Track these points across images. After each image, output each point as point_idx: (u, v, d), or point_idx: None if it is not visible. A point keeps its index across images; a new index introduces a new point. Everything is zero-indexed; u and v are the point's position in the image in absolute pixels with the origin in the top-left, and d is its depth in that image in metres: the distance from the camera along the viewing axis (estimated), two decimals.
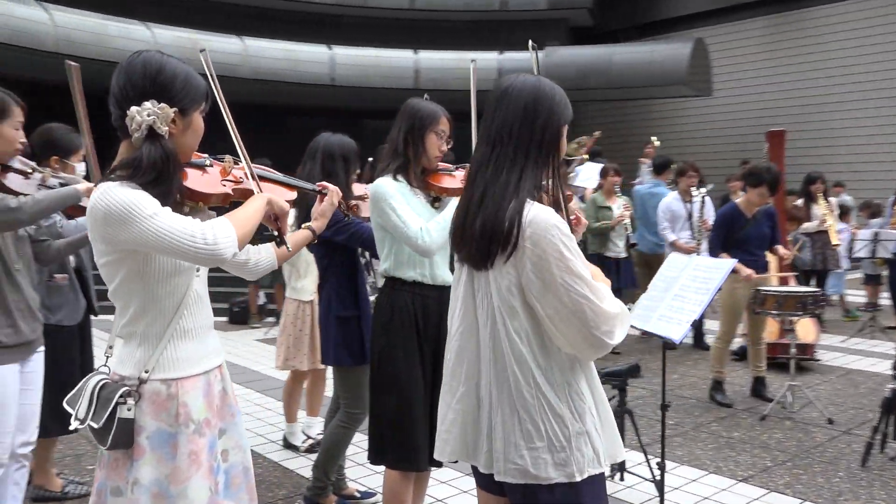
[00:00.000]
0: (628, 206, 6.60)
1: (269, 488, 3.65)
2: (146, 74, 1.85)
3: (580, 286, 1.70)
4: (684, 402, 5.54)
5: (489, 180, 1.79)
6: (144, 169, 1.81)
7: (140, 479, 1.80)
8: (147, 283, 1.84)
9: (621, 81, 18.26)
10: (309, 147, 3.51)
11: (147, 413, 1.82)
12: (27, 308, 2.64)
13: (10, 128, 2.59)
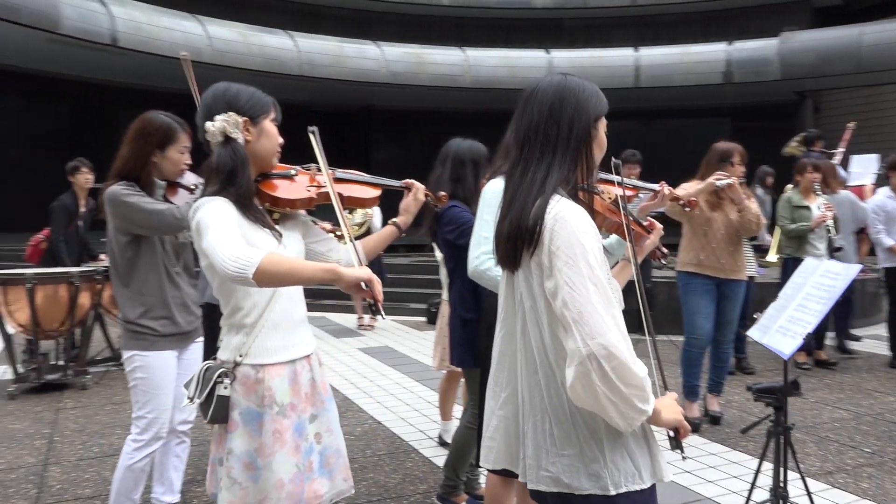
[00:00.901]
0: (830, 206, 5.83)
1: (413, 482, 3.78)
2: (216, 96, 2.09)
3: (584, 288, 1.56)
4: (891, 427, 4.79)
5: (518, 181, 1.76)
6: (217, 169, 2.02)
7: (233, 450, 2.03)
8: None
9: (872, 65, 16.23)
10: (440, 152, 3.56)
11: (239, 393, 2.04)
12: (184, 304, 3.01)
13: (176, 151, 2.92)
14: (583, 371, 1.52)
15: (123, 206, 2.70)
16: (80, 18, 14.20)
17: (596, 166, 1.82)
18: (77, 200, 6.15)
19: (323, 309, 9.68)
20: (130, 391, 2.84)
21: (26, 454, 4.20)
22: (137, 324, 2.80)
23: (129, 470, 2.83)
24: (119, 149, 2.81)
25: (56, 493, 3.64)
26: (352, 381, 5.89)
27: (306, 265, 1.90)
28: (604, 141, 1.82)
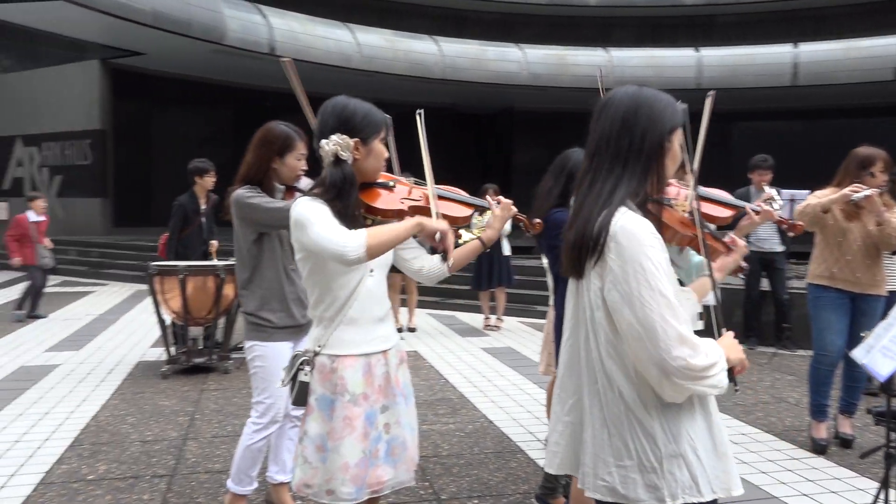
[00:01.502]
0: None
1: (515, 482, 3.84)
2: (333, 113, 2.25)
3: (656, 302, 1.57)
4: None
5: (586, 192, 1.77)
6: (328, 187, 2.21)
7: (308, 432, 2.23)
8: (325, 277, 2.23)
9: None
10: (555, 162, 3.52)
11: (316, 380, 2.23)
12: (298, 298, 3.24)
13: (294, 158, 3.15)
14: (667, 384, 1.59)
15: (247, 208, 2.95)
16: (243, 30, 15.28)
17: (668, 179, 1.80)
18: (197, 201, 6.50)
19: (453, 308, 9.89)
20: (251, 378, 3.10)
21: (170, 429, 4.65)
22: (257, 316, 3.06)
23: (248, 449, 3.09)
24: (244, 155, 3.08)
25: (190, 465, 4.01)
26: (470, 379, 6.02)
27: (399, 225, 2.16)
28: (678, 153, 1.80)
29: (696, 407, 1.72)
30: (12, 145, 17.95)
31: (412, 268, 2.43)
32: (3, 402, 5.21)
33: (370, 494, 2.21)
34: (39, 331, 8.11)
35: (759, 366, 6.49)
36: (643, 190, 1.74)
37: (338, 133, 2.20)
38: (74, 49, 16.71)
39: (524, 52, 18.41)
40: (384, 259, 2.30)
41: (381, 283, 2.33)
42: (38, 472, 3.88)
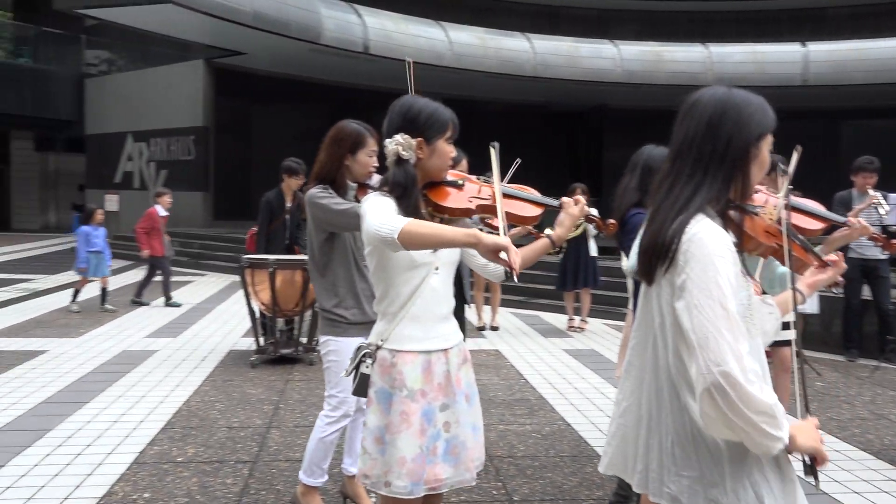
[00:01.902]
0: None
1: (589, 487, 3.77)
2: (399, 113, 2.28)
3: (713, 312, 1.51)
4: None
5: (664, 196, 1.72)
6: (392, 186, 2.24)
7: (368, 423, 2.27)
8: (389, 273, 2.26)
9: None
10: (631, 159, 3.49)
11: (377, 373, 2.23)
12: (371, 294, 3.29)
13: (365, 155, 3.21)
14: (708, 399, 1.50)
15: (317, 208, 3.03)
16: (339, 30, 15.65)
17: (753, 186, 1.72)
18: (283, 198, 6.68)
19: (537, 308, 9.82)
20: (324, 372, 3.18)
21: (255, 416, 4.83)
22: (331, 311, 3.13)
23: (320, 441, 3.17)
24: (317, 154, 3.15)
25: (272, 453, 4.15)
26: (550, 380, 5.97)
27: (450, 229, 2.07)
28: (766, 160, 1.71)
29: None
30: (124, 141, 19.02)
31: (478, 263, 2.42)
32: (106, 383, 5.54)
33: (427, 491, 2.22)
34: (142, 317, 8.58)
35: (860, 379, 6.14)
36: (724, 197, 1.67)
37: (402, 133, 2.22)
38: (181, 49, 17.56)
39: (619, 49, 18.06)
40: (451, 257, 2.30)
41: (447, 281, 2.32)
42: (133, 451, 4.10)
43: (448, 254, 2.28)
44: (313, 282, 3.23)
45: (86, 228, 8.95)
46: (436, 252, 2.24)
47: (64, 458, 3.98)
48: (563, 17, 19.77)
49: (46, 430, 4.42)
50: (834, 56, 17.24)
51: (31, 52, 21.49)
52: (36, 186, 23.20)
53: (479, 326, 8.25)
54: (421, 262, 2.23)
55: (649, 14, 19.80)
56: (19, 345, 6.85)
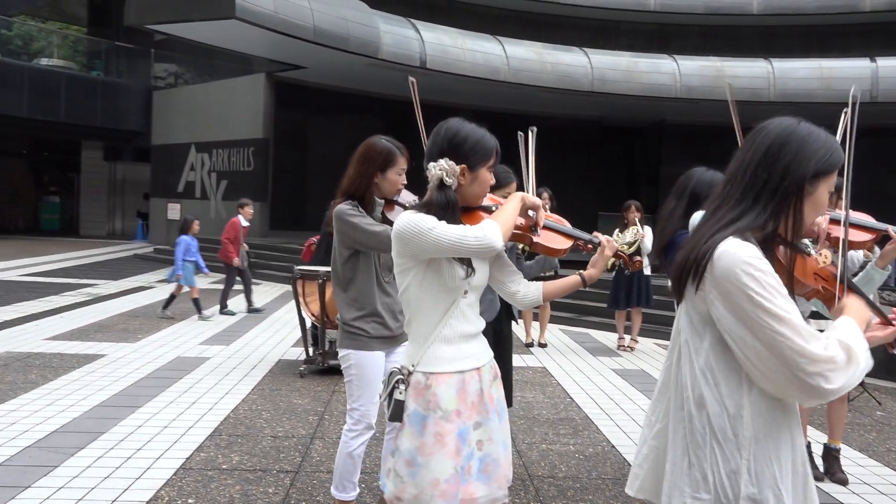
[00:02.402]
0: None
1: None
2: (445, 137, 2.25)
3: (776, 323, 1.50)
4: None
5: (708, 217, 1.68)
6: (434, 210, 2.26)
7: (400, 447, 2.27)
8: (419, 295, 2.24)
9: None
10: (678, 183, 3.40)
11: (410, 396, 2.23)
12: (392, 309, 3.29)
13: (395, 173, 3.19)
14: (816, 399, 1.54)
15: (348, 225, 3.02)
16: (396, 45, 15.84)
17: (806, 227, 1.67)
18: None
19: (587, 325, 9.72)
20: (345, 385, 3.19)
21: (300, 426, 4.89)
22: (353, 325, 3.11)
23: (348, 456, 3.18)
24: (346, 170, 3.17)
25: (314, 463, 4.20)
26: (596, 400, 5.88)
27: (508, 208, 2.31)
28: (823, 202, 1.66)
29: (789, 450, 1.62)
30: (188, 152, 19.60)
31: (508, 290, 2.43)
32: (159, 388, 5.70)
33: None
34: (197, 324, 8.79)
35: None
36: (771, 229, 1.64)
37: (446, 157, 2.23)
38: (244, 63, 18.02)
39: (678, 64, 17.80)
40: (480, 281, 2.31)
41: (474, 304, 2.34)
42: (180, 457, 4.20)
43: (479, 279, 2.30)
44: (336, 295, 3.23)
45: (185, 238, 9.27)
46: (467, 277, 2.24)
47: (115, 461, 4.10)
48: (622, 32, 19.61)
49: (100, 432, 4.56)
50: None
51: (102, 66, 22.39)
52: (104, 194, 24.09)
53: (526, 343, 8.20)
54: (452, 287, 2.24)
55: (710, 28, 19.48)
56: (80, 348, 7.10)
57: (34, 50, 22.28)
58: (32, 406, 5.06)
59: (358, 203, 3.08)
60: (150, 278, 13.41)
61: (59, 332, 7.85)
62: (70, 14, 24.03)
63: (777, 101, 17.19)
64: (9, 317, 8.67)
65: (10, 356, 6.59)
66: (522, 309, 2.64)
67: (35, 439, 4.38)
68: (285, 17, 14.19)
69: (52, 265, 14.77)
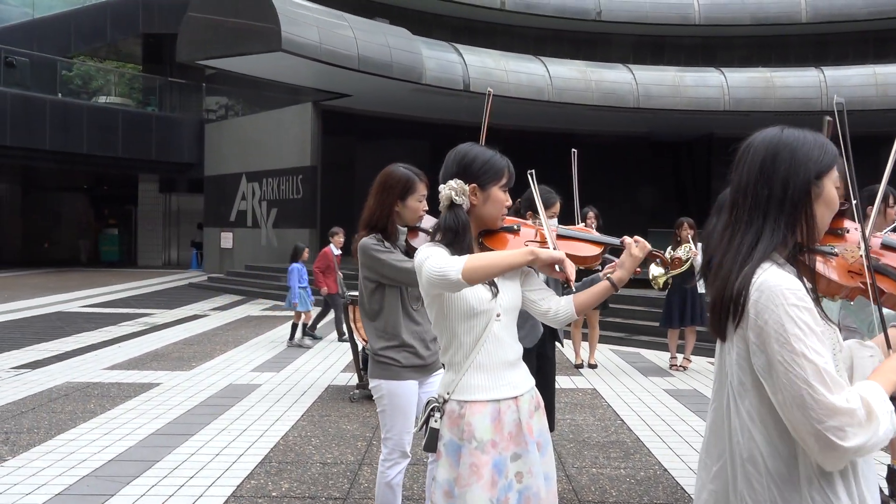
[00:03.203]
0: None
1: None
2: (455, 160, 2.27)
3: (800, 368, 1.43)
4: None
5: (725, 248, 1.62)
6: (443, 231, 2.26)
7: (437, 477, 2.24)
8: (450, 322, 2.21)
9: None
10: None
11: (446, 425, 2.20)
12: (422, 338, 3.25)
13: (415, 200, 3.17)
14: (832, 456, 1.45)
15: (375, 261, 3.01)
16: (440, 69, 16.00)
17: (822, 228, 1.63)
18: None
19: (638, 345, 9.55)
20: (379, 415, 3.18)
21: (349, 452, 4.91)
22: (383, 355, 3.09)
23: (386, 486, 3.16)
24: (366, 201, 3.17)
25: (363, 490, 4.20)
26: (648, 422, 5.76)
27: (506, 252, 2.15)
28: (834, 198, 1.62)
29: (854, 492, 1.54)
30: (239, 182, 20.06)
31: (539, 310, 2.37)
32: (211, 416, 5.79)
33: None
34: (249, 351, 8.94)
35: None
36: (791, 242, 1.59)
37: (456, 178, 2.24)
38: (291, 93, 18.42)
39: (725, 77, 17.54)
40: (512, 303, 2.27)
41: (510, 327, 2.29)
42: (231, 485, 4.25)
43: (509, 299, 2.26)
44: (364, 326, 3.23)
45: (296, 265, 9.56)
46: (495, 298, 2.22)
47: (168, 489, 4.17)
48: (666, 47, 19.44)
49: (154, 461, 4.66)
50: None
51: (157, 101, 23.16)
52: (159, 225, 24.77)
53: (576, 364, 8.10)
54: (481, 310, 2.21)
55: (758, 39, 19.17)
56: (137, 377, 7.28)
57: (93, 88, 23.18)
58: (91, 435, 5.20)
59: (381, 233, 3.07)
60: (205, 306, 13.70)
61: (118, 362, 8.07)
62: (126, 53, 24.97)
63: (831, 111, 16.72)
64: (70, 347, 8.95)
65: (71, 386, 6.80)
66: (557, 327, 2.58)
67: (93, 468, 4.50)
68: (330, 48, 14.48)
69: (111, 296, 15.23)
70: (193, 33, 15.65)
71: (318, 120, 17.79)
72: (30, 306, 13.07)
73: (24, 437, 5.14)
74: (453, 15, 18.80)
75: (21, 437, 5.12)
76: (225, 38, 15.03)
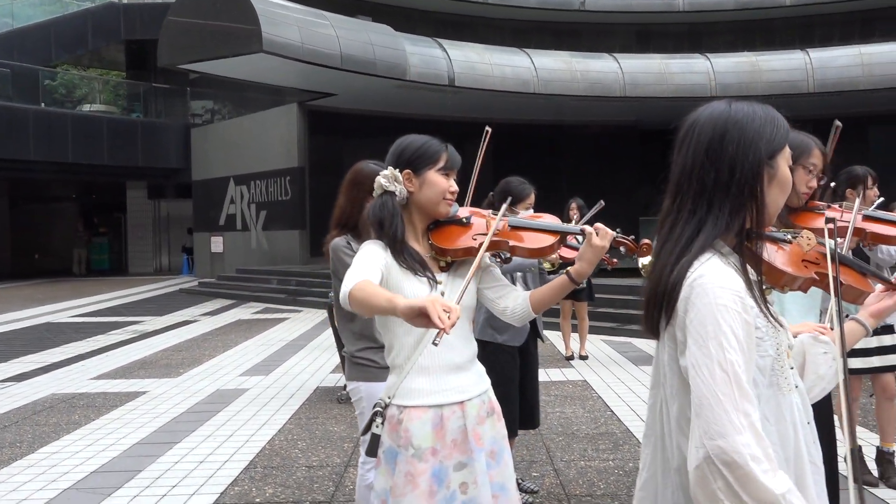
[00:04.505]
0: None
1: None
2: (392, 151, 2.22)
3: (715, 377, 1.30)
4: None
5: (665, 237, 1.49)
6: (372, 221, 2.19)
7: (375, 486, 2.16)
8: (390, 321, 2.10)
9: None
10: None
11: (386, 431, 2.10)
12: None
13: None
14: (700, 476, 1.29)
15: (341, 265, 2.87)
16: (424, 65, 15.91)
17: (772, 211, 1.50)
18: None
19: (629, 334, 9.51)
20: (357, 418, 3.11)
21: (335, 454, 4.85)
22: (360, 357, 3.01)
23: (366, 488, 3.07)
24: (337, 199, 3.09)
25: (347, 493, 4.14)
26: (638, 412, 5.71)
27: (378, 296, 1.89)
28: (788, 178, 1.50)
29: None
30: (227, 185, 19.94)
31: (497, 308, 2.27)
32: (197, 423, 5.72)
33: None
34: (238, 355, 8.86)
35: None
36: (735, 230, 1.45)
37: (389, 167, 2.18)
38: (275, 95, 18.30)
39: (711, 63, 17.47)
40: (465, 302, 2.11)
41: (459, 327, 2.09)
42: (215, 492, 4.19)
43: (463, 298, 2.11)
44: (340, 329, 3.15)
45: None
46: (445, 294, 2.12)
47: (149, 499, 4.11)
48: (652, 35, 19.37)
49: (138, 470, 4.59)
50: None
51: (141, 108, 23.00)
52: (149, 232, 24.63)
53: (567, 356, 8.04)
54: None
55: (742, 24, 19.12)
56: (123, 386, 7.20)
57: (77, 97, 23.02)
58: (74, 447, 5.12)
59: (352, 232, 3.00)
60: (195, 312, 13.61)
61: (104, 371, 7.98)
62: (109, 60, 24.77)
63: (818, 92, 16.74)
64: (57, 358, 8.86)
65: (56, 398, 6.71)
66: (516, 325, 2.47)
67: (74, 481, 4.42)
68: (312, 47, 14.37)
69: (100, 305, 15.13)
70: (174, 37, 15.52)
71: (304, 120, 17.68)
72: (18, 318, 12.96)
73: (6, 451, 5.06)
74: (436, 10, 18.71)
75: (3, 452, 5.04)
76: (206, 40, 14.90)
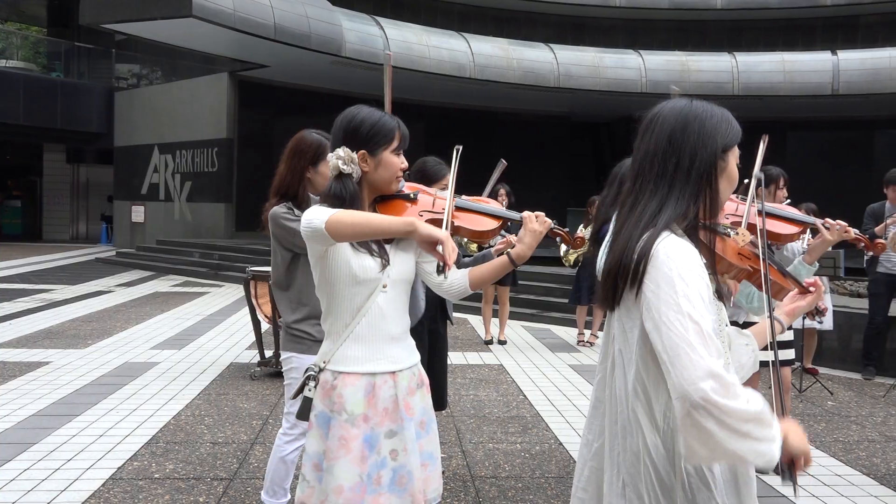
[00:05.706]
0: None
1: None
2: (341, 125, 2.16)
3: (683, 327, 1.40)
4: None
5: (627, 214, 1.60)
6: (331, 200, 2.15)
7: (307, 449, 2.18)
8: (331, 287, 2.13)
9: None
10: (612, 172, 3.39)
11: (318, 396, 2.13)
12: None
13: (327, 167, 3.09)
14: (692, 423, 1.37)
15: (287, 231, 2.89)
16: (360, 42, 15.69)
17: (722, 202, 1.64)
18: None
19: (549, 321, 9.67)
20: (285, 388, 3.10)
21: (242, 432, 4.77)
22: (296, 328, 3.02)
23: (281, 461, 3.08)
24: (277, 167, 3.06)
25: (251, 470, 4.08)
26: (549, 397, 5.82)
27: (384, 216, 2.04)
28: (734, 173, 1.63)
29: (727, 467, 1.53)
30: (151, 153, 19.29)
31: (433, 281, 2.29)
32: (101, 396, 5.54)
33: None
34: (151, 328, 8.61)
35: (874, 399, 5.89)
36: (692, 214, 1.58)
37: (344, 146, 2.13)
38: (206, 62, 17.76)
39: (643, 59, 17.84)
40: (403, 275, 2.18)
41: (398, 300, 2.20)
42: (112, 467, 4.06)
43: (399, 271, 2.17)
44: (276, 298, 3.14)
45: None
46: (384, 270, 2.13)
47: (42, 473, 3.95)
48: (587, 28, 19.61)
49: (32, 443, 4.41)
50: (866, 64, 16.85)
51: (62, 67, 21.97)
52: (67, 198, 23.66)
53: (486, 340, 8.13)
54: (364, 279, 2.12)
55: (676, 24, 19.56)
56: (25, 356, 6.89)
57: None
58: None
59: (292, 201, 2.96)
60: (110, 282, 13.16)
61: (5, 340, 7.63)
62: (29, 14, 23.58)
63: (741, 95, 17.32)
64: None
65: None
66: (451, 300, 2.50)
67: None
68: (245, 15, 13.99)
69: (9, 271, 14.46)
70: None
71: (235, 91, 17.23)
72: None
73: None
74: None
75: None
76: (133, 1, 14.32)
